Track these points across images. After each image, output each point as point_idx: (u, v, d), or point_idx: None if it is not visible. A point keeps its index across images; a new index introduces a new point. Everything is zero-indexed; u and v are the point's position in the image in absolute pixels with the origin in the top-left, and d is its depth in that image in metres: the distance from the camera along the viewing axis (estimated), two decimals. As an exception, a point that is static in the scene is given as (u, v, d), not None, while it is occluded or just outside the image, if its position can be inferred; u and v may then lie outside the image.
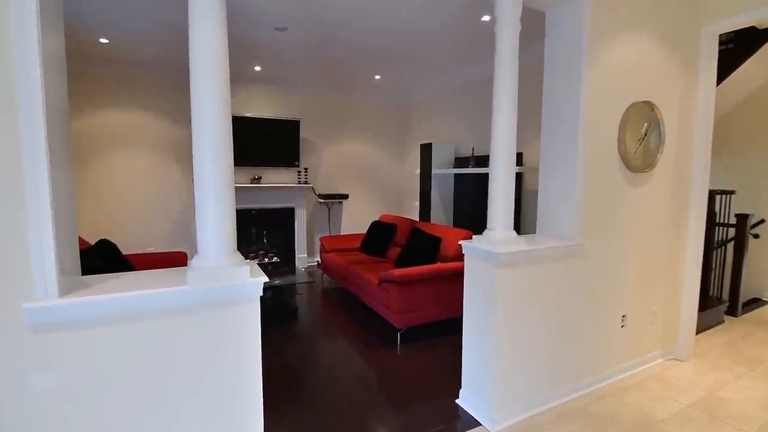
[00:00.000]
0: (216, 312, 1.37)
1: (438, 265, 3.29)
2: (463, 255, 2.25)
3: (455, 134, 5.21)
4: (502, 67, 2.05)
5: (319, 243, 5.02)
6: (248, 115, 5.21)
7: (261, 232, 5.66)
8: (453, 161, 5.07)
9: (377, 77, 5.26)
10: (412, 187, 5.99)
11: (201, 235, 1.37)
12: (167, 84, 4.87)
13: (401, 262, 3.89)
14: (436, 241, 3.73)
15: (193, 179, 1.39)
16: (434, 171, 4.99)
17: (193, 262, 1.38)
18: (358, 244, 4.84)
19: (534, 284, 2.18)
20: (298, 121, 5.47)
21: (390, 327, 3.37)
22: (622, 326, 2.61)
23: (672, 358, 2.87)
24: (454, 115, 5.23)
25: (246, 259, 1.49)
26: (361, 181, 6.24)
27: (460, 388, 2.34)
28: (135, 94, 4.74)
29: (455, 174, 5.05)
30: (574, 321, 2.37)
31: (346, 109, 5.99)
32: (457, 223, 5.10)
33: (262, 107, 5.42)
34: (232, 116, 1.39)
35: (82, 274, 1.41)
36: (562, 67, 2.33)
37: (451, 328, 3.36)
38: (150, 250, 4.87)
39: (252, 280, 1.39)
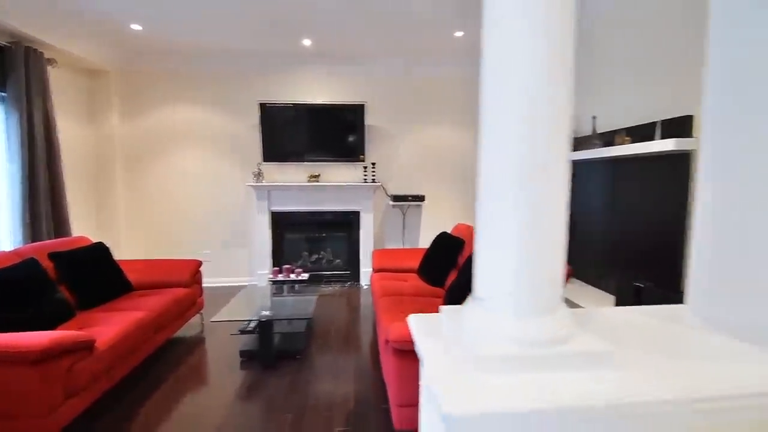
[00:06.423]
0: None
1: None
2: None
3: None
4: None
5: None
6: (300, 101, 4.40)
7: (317, 242, 4.83)
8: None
9: (458, 34, 3.80)
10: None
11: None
12: (212, 74, 4.44)
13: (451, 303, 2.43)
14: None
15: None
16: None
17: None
18: (417, 264, 3.50)
19: None
20: (363, 105, 4.42)
21: (390, 423, 1.99)
22: None
23: None
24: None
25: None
26: (448, 177, 4.79)
27: None
28: (183, 89, 4.45)
29: (571, 162, 3.21)
30: None
31: (425, 85, 4.63)
32: (577, 247, 3.22)
33: (316, 91, 4.53)
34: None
35: None
36: None
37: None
38: (206, 252, 4.55)
39: None
